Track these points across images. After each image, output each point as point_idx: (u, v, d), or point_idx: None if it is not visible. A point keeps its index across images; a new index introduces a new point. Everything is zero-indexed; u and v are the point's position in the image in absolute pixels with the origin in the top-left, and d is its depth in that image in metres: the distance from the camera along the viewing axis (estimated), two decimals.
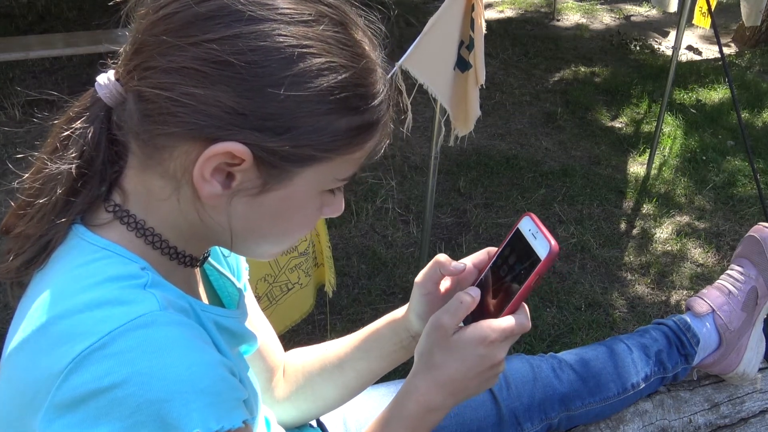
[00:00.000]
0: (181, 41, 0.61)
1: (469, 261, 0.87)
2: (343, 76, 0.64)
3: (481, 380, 0.78)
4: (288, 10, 0.63)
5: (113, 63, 0.69)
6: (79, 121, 0.68)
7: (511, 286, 0.78)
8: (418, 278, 0.87)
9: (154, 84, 0.62)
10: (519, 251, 0.79)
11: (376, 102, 0.67)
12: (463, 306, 0.77)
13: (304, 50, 0.62)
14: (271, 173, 0.65)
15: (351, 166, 0.70)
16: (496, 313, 0.78)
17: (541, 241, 0.76)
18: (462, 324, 0.79)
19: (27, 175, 0.70)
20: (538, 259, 0.75)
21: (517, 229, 0.80)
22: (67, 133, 0.68)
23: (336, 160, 0.67)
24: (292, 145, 0.63)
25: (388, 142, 0.72)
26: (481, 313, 0.79)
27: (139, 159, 0.67)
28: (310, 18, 0.63)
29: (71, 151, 0.67)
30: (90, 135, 0.67)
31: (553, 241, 0.74)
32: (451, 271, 0.85)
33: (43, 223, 0.67)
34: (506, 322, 0.76)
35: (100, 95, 0.66)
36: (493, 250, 0.86)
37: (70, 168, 0.66)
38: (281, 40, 0.61)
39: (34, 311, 0.62)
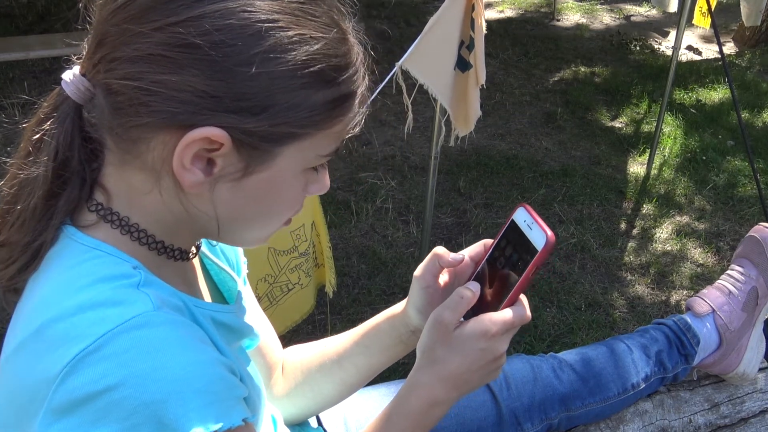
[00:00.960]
0: (144, 27, 0.59)
1: (466, 254, 0.87)
2: (315, 47, 0.62)
3: (484, 373, 0.78)
4: None
5: (77, 59, 0.67)
6: (48, 122, 0.66)
7: (509, 278, 0.77)
8: (417, 272, 0.87)
9: (122, 75, 0.60)
10: (515, 242, 0.78)
11: (351, 72, 0.66)
12: (463, 301, 0.77)
13: (272, 24, 0.60)
14: (252, 155, 0.63)
15: (332, 141, 0.68)
16: (495, 306, 0.78)
17: (536, 231, 0.75)
18: (462, 318, 0.79)
19: (2, 182, 0.68)
20: (534, 250, 0.75)
21: (512, 220, 0.80)
22: (39, 135, 0.66)
23: (316, 136, 0.66)
24: (270, 124, 0.62)
25: (367, 112, 0.71)
26: (480, 306, 0.79)
27: (116, 155, 0.65)
28: None
29: (44, 153, 0.66)
30: (62, 136, 0.65)
31: (549, 232, 0.74)
32: (449, 262, 0.85)
33: (24, 229, 0.66)
34: (506, 314, 0.76)
35: (68, 93, 0.65)
36: (489, 242, 0.85)
37: (45, 171, 0.65)
38: (247, 16, 0.60)
39: (28, 315, 0.62)
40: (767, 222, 1.38)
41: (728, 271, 1.38)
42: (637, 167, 3.70)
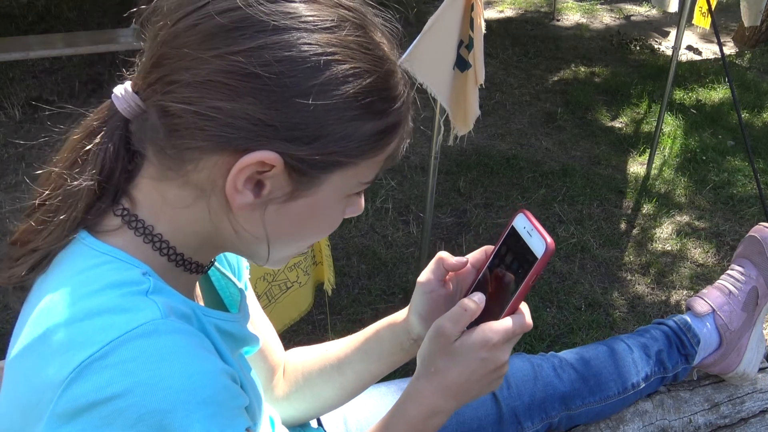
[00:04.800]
0: (204, 54, 0.60)
1: (467, 260, 0.87)
2: (368, 81, 0.64)
3: (485, 383, 0.78)
4: (311, 18, 0.62)
5: (129, 74, 0.68)
6: (98, 136, 0.67)
7: (510, 285, 0.77)
8: (421, 277, 0.87)
9: (179, 99, 0.61)
10: (515, 250, 0.78)
11: (398, 104, 0.67)
12: (467, 314, 0.77)
13: (330, 58, 0.62)
14: (300, 180, 0.65)
15: (374, 169, 0.70)
16: (497, 313, 0.78)
17: (536, 238, 0.75)
18: None
19: (47, 192, 0.68)
20: (534, 258, 0.74)
21: (512, 226, 0.80)
22: (88, 147, 0.67)
23: (361, 165, 0.67)
24: (321, 152, 0.63)
25: (408, 141, 0.72)
26: (481, 313, 0.79)
27: (156, 169, 0.66)
28: (332, 24, 0.63)
29: (91, 166, 0.66)
30: (111, 149, 0.66)
31: (548, 239, 0.74)
32: (454, 265, 0.85)
33: (60, 237, 0.66)
34: (507, 323, 0.76)
35: (119, 108, 0.66)
36: (490, 248, 0.85)
37: (92, 184, 0.66)
38: (306, 48, 0.61)
39: (35, 318, 0.62)
40: (767, 222, 1.38)
41: (728, 271, 1.38)
42: (637, 167, 3.69)
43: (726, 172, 3.66)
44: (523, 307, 0.78)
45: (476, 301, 0.78)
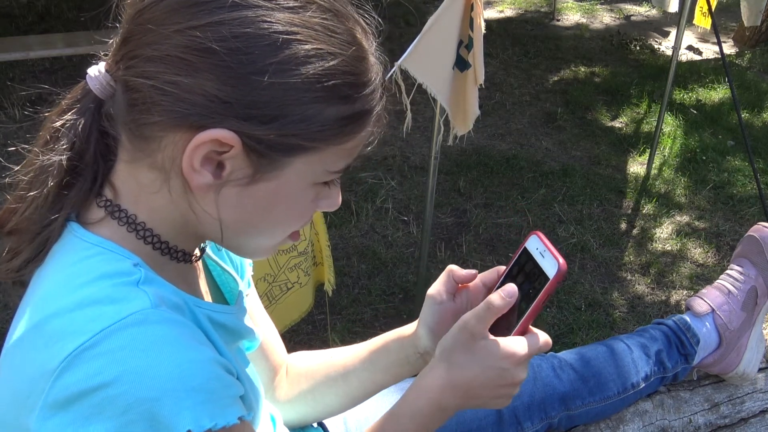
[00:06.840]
0: (165, 29, 0.60)
1: (479, 279, 0.87)
2: (331, 63, 0.62)
3: (496, 395, 0.78)
4: None
5: (104, 55, 0.68)
6: (69, 113, 0.67)
7: (521, 305, 0.77)
8: (431, 290, 0.86)
9: (139, 73, 0.61)
10: (527, 270, 0.79)
11: (367, 91, 0.66)
12: (491, 311, 0.75)
13: (290, 37, 0.61)
14: (260, 162, 0.64)
15: (343, 158, 0.68)
16: (505, 333, 0.77)
17: (549, 259, 0.76)
18: None
19: (18, 168, 0.69)
20: (546, 278, 0.75)
21: (525, 248, 0.80)
22: (58, 124, 0.67)
23: (326, 151, 0.66)
24: (279, 133, 0.62)
25: (381, 132, 0.71)
26: (491, 331, 0.78)
27: (129, 152, 0.66)
28: (296, 5, 0.63)
29: (62, 142, 0.67)
30: (80, 126, 0.66)
31: (561, 260, 0.74)
32: (463, 277, 0.85)
33: (35, 217, 0.66)
34: (538, 340, 0.76)
35: (91, 87, 0.66)
36: (502, 268, 0.85)
37: (61, 159, 0.66)
38: (266, 26, 0.60)
39: (29, 310, 0.62)
40: (767, 222, 1.38)
41: (727, 271, 1.38)
42: (637, 167, 3.69)
43: (726, 172, 3.66)
44: (533, 328, 0.78)
45: (503, 296, 0.75)
